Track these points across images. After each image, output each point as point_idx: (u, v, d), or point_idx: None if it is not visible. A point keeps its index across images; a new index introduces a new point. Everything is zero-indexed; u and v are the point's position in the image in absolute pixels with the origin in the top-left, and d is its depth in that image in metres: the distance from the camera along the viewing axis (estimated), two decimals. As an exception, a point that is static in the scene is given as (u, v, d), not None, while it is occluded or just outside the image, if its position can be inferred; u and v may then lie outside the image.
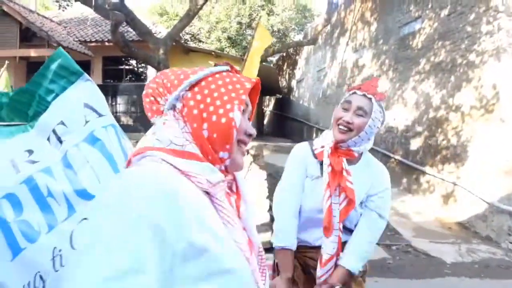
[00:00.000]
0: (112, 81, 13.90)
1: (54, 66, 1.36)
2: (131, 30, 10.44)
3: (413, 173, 7.99)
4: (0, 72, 5.58)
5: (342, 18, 12.67)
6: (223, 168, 0.86)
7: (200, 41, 20.08)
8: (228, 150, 0.84)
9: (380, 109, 1.68)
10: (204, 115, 0.84)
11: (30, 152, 1.27)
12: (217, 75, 0.89)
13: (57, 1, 10.98)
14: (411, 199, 7.72)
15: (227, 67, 0.92)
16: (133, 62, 14.41)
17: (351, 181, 1.64)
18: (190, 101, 0.86)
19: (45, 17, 14.03)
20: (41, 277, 1.14)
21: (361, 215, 1.71)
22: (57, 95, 1.34)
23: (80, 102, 1.35)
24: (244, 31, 19.86)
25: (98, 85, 1.55)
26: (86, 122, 1.34)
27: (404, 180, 8.28)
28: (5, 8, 10.57)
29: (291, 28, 21.32)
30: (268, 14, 19.67)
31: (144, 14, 18.68)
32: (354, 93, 1.69)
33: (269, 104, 23.12)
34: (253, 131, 0.92)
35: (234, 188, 0.91)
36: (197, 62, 12.73)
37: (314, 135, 13.49)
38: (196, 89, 0.87)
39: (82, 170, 1.27)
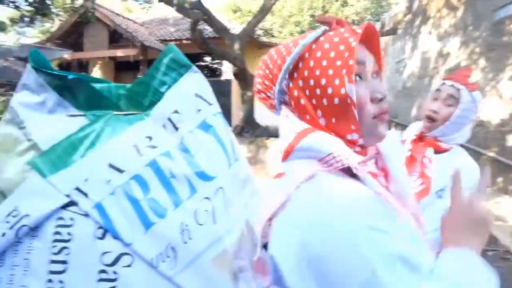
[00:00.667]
0: (189, 77, 14.50)
1: (166, 60, 1.45)
2: (207, 27, 10.77)
3: (510, 172, 7.24)
4: (94, 71, 6.08)
5: (425, 5, 11.86)
6: (357, 149, 0.76)
7: (272, 36, 20.14)
8: (355, 130, 0.73)
9: (472, 100, 1.61)
10: (314, 101, 0.74)
11: (150, 138, 1.37)
12: (313, 46, 0.76)
13: (140, 3, 11.65)
14: (508, 200, 7.00)
15: (324, 28, 0.78)
16: (208, 58, 14.86)
17: (431, 170, 1.61)
18: (294, 90, 0.78)
19: (130, 19, 15.03)
20: (172, 248, 1.23)
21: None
22: (169, 87, 1.43)
23: (191, 92, 1.44)
24: (317, 25, 19.51)
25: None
26: (198, 110, 1.42)
27: (500, 180, 7.53)
28: (97, 13, 11.48)
29: (367, 18, 20.53)
30: (342, 5, 19.15)
31: (219, 11, 19.19)
32: (444, 83, 1.68)
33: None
34: (382, 93, 0.76)
35: (379, 164, 0.81)
36: (271, 56, 12.82)
37: (393, 129, 12.85)
38: (295, 74, 0.77)
39: (199, 154, 1.35)
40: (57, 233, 1.37)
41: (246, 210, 1.42)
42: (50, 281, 1.31)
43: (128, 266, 1.24)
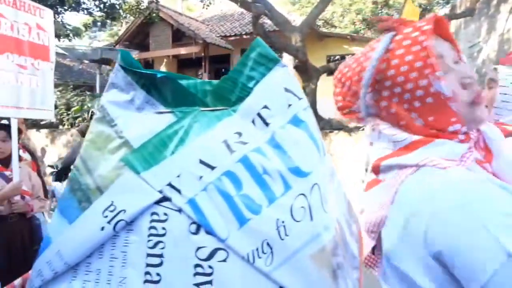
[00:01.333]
0: (249, 72, 14.60)
1: (253, 55, 1.42)
2: (266, 21, 10.74)
3: None
4: (160, 69, 6.33)
5: (503, -18, 10.84)
6: (462, 137, 0.75)
7: (333, 26, 19.63)
8: (456, 122, 0.73)
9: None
10: (405, 106, 0.75)
11: (239, 134, 1.36)
12: (387, 55, 0.77)
13: (201, 1, 11.91)
14: None
15: (391, 34, 0.78)
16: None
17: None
18: (380, 102, 0.79)
19: (191, 18, 15.46)
20: (268, 244, 1.23)
21: None
22: (257, 82, 1.40)
23: (280, 86, 1.40)
24: (381, 11, 18.70)
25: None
26: (289, 105, 1.38)
27: None
28: (161, 14, 11.94)
29: (435, 1, 19.29)
30: (407, -11, 18.09)
31: (278, 4, 19.07)
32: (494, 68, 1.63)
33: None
34: (470, 76, 0.76)
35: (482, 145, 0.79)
36: (331, 47, 12.48)
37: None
38: (377, 87, 0.78)
39: (292, 150, 1.32)
40: (152, 227, 1.41)
41: (337, 205, 1.37)
42: (148, 273, 1.35)
43: (223, 261, 1.24)
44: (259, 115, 1.36)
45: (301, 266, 1.21)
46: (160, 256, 1.35)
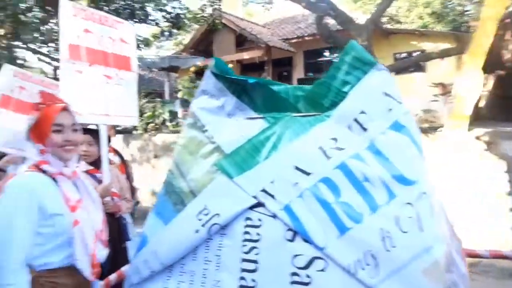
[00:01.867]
0: (313, 74, 14.45)
1: (348, 59, 1.39)
2: (329, 21, 10.55)
3: None
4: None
5: None
6: None
7: (398, 22, 18.79)
8: None
9: None
10: None
11: (335, 140, 1.34)
12: None
13: (263, 5, 12.01)
14: None
15: None
16: (333, 53, 14.57)
17: None
18: None
19: (253, 23, 15.65)
20: (372, 255, 1.19)
21: None
22: (353, 86, 1.36)
23: (379, 91, 1.36)
24: (451, 3, 17.53)
25: (300, 79, 1.64)
26: (389, 110, 1.34)
27: None
28: (224, 20, 12.24)
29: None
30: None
31: (339, 3, 18.67)
32: None
33: (487, 83, 19.78)
34: None
35: None
36: (398, 44, 11.94)
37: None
38: None
39: (395, 156, 1.28)
40: (246, 232, 1.43)
41: (443, 216, 1.29)
42: (242, 278, 1.37)
43: (322, 270, 1.22)
44: (355, 120, 1.32)
45: (411, 281, 1.14)
46: (255, 262, 1.36)
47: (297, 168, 1.34)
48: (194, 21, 12.57)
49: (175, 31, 12.75)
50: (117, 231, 2.69)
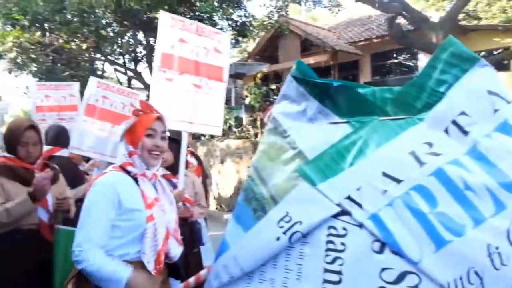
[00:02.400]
0: (380, 77, 13.92)
1: (444, 56, 1.27)
2: (399, 21, 10.08)
3: None
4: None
5: None
6: None
7: (476, 18, 17.42)
8: None
9: None
10: None
11: (429, 144, 1.24)
12: None
13: (330, 9, 11.84)
14: None
15: None
16: (402, 55, 13.94)
17: None
18: None
19: (318, 27, 15.50)
20: (476, 273, 1.09)
21: None
22: (450, 85, 1.25)
23: (482, 89, 1.22)
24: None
25: (366, 83, 1.52)
26: (495, 110, 1.20)
27: None
28: (290, 26, 12.24)
29: None
30: None
31: (410, 1, 17.79)
32: None
33: None
34: None
35: None
36: (478, 42, 11.04)
37: None
38: None
39: (502, 162, 1.14)
40: (330, 242, 1.37)
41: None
42: (325, 289, 1.32)
43: (415, 287, 1.14)
44: (454, 122, 1.21)
45: None
46: (339, 273, 1.30)
47: (386, 175, 1.26)
48: (261, 28, 12.74)
49: (240, 38, 13.01)
50: (189, 236, 2.76)
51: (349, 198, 1.32)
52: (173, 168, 2.76)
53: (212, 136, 10.40)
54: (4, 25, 11.47)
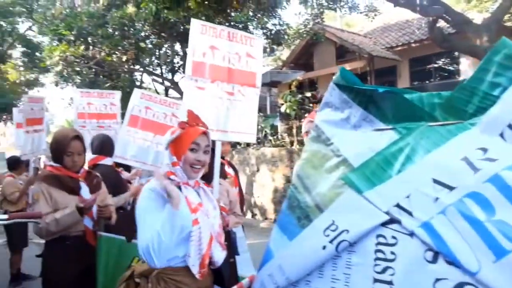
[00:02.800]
0: (420, 82, 13.52)
1: (498, 58, 1.21)
2: (439, 24, 9.77)
3: None
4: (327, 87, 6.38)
5: None
6: None
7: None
8: None
9: None
10: None
11: (484, 150, 1.18)
12: None
13: (366, 15, 11.69)
14: None
15: None
16: (442, 59, 13.48)
17: None
18: None
19: (354, 33, 15.32)
20: None
21: None
22: (505, 88, 1.19)
23: None
24: None
25: (405, 88, 1.46)
26: None
27: None
28: (325, 33, 12.19)
29: None
30: None
31: (451, 3, 17.21)
32: None
33: None
34: None
35: None
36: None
37: None
38: None
39: None
40: (379, 251, 1.34)
41: None
42: (376, 300, 1.29)
43: (473, 299, 1.09)
44: (510, 126, 1.14)
45: None
46: (390, 283, 1.25)
47: (437, 182, 1.22)
48: (297, 36, 12.76)
49: (275, 47, 13.07)
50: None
51: (398, 206, 1.28)
52: (207, 177, 2.80)
53: (248, 144, 10.46)
54: (51, 40, 12.18)
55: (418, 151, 1.30)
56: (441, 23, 9.46)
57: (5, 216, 2.04)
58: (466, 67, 11.35)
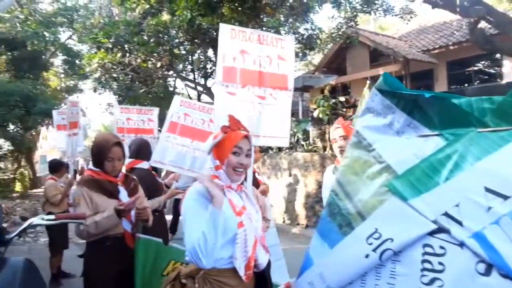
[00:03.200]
0: (458, 86, 13.04)
1: None
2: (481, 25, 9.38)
3: None
4: (363, 92, 6.25)
5: None
6: None
7: None
8: None
9: None
10: None
11: None
12: None
13: (401, 17, 11.41)
14: None
15: None
16: (482, 62, 12.95)
17: None
18: None
19: (388, 36, 15.01)
20: None
21: None
22: None
23: None
24: None
25: (443, 93, 1.39)
26: None
27: None
28: (359, 37, 11.99)
29: None
30: None
31: (492, 4, 16.54)
32: None
33: None
34: None
35: None
36: None
37: None
38: None
39: None
40: (426, 261, 1.29)
41: None
42: (423, 312, 1.24)
43: (530, 315, 1.04)
44: None
45: None
46: None
47: (490, 191, 1.16)
48: (330, 40, 12.64)
49: (307, 51, 12.99)
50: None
51: (446, 214, 1.24)
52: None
53: (280, 149, 10.43)
54: (90, 48, 12.67)
55: (467, 158, 1.25)
56: (483, 24, 9.10)
57: (52, 217, 2.12)
58: (510, 69, 10.85)
